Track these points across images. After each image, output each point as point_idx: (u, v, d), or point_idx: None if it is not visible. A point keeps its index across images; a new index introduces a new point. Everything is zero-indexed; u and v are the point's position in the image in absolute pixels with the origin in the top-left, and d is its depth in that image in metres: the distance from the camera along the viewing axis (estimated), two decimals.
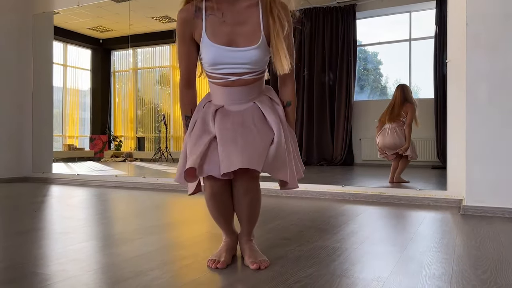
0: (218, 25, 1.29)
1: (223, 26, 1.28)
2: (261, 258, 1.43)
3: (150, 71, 10.15)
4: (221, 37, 1.29)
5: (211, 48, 1.29)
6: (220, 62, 1.30)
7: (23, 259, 1.52)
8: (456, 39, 2.83)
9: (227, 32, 1.29)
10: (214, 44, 1.29)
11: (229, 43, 1.29)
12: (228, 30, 1.29)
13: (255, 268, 1.37)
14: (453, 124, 2.85)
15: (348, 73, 7.15)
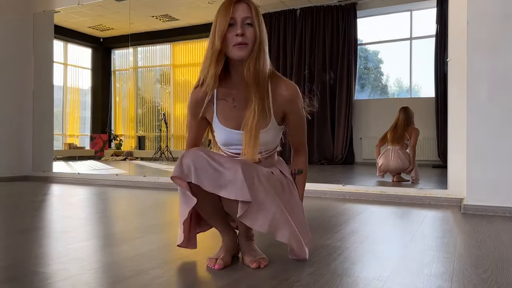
0: (229, 110, 1.37)
1: (233, 111, 1.37)
2: (260, 256, 1.43)
3: (151, 70, 10.15)
4: (231, 121, 1.38)
5: (223, 131, 1.39)
6: (232, 143, 1.40)
7: (23, 258, 1.52)
8: (457, 38, 2.83)
9: (238, 116, 1.36)
10: (225, 128, 1.38)
11: (237, 127, 1.37)
12: (238, 115, 1.36)
13: (254, 267, 1.37)
14: (454, 123, 2.85)
15: (349, 72, 7.15)
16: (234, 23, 1.29)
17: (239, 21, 1.29)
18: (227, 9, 1.29)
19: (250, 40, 1.30)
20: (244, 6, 1.31)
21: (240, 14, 1.29)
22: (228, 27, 1.28)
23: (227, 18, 1.28)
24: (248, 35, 1.29)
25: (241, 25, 1.29)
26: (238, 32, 1.28)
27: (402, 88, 7.71)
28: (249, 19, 1.30)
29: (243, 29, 1.29)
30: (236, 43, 1.28)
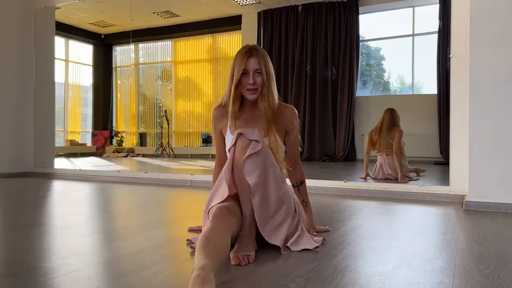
0: (240, 125, 1.76)
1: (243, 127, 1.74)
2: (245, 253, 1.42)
3: (152, 67, 10.14)
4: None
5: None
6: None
7: (26, 252, 1.52)
8: (460, 34, 2.81)
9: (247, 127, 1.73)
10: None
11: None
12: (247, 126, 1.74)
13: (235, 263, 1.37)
14: (456, 119, 2.84)
15: (351, 68, 7.13)
16: (247, 73, 1.71)
17: (251, 72, 1.70)
18: (241, 62, 1.71)
19: (259, 85, 1.72)
20: (255, 60, 1.71)
21: (251, 67, 1.71)
22: (242, 75, 1.71)
23: (241, 69, 1.70)
24: (258, 81, 1.71)
25: (252, 75, 1.70)
26: (250, 82, 1.70)
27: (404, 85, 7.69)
28: (258, 70, 1.71)
29: (254, 78, 1.70)
30: (248, 88, 1.71)
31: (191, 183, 3.83)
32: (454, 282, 1.22)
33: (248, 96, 1.73)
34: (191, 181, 3.85)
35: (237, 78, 1.71)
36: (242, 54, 1.72)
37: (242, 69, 1.70)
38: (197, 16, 8.41)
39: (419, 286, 1.18)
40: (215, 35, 8.99)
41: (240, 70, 1.70)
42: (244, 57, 1.71)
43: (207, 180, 3.77)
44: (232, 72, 1.74)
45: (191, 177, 3.89)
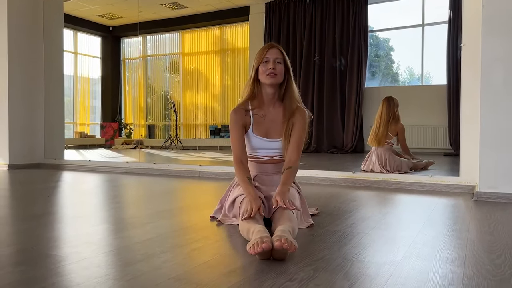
0: (260, 122, 1.87)
1: (263, 123, 1.87)
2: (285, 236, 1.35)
3: (160, 59, 10.14)
4: (260, 131, 1.87)
5: (253, 138, 1.88)
6: (259, 148, 1.88)
7: (37, 241, 1.54)
8: (472, 22, 2.76)
9: (265, 127, 1.87)
10: (255, 135, 1.87)
11: (266, 135, 1.87)
12: (266, 126, 1.87)
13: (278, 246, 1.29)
14: (467, 109, 2.81)
15: (359, 59, 7.06)
16: (268, 61, 1.81)
17: (271, 60, 1.81)
18: (263, 51, 1.83)
19: (279, 72, 1.81)
20: (276, 50, 1.83)
21: (272, 55, 1.81)
22: (263, 63, 1.81)
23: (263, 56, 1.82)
24: (278, 68, 1.81)
25: (273, 62, 1.80)
26: (270, 66, 1.79)
27: (413, 76, 7.61)
28: (279, 59, 1.82)
29: (275, 64, 1.80)
30: (268, 72, 1.79)
31: (200, 174, 3.84)
32: (465, 271, 1.21)
33: (267, 80, 1.80)
34: (199, 172, 3.86)
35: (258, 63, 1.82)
36: (264, 47, 1.85)
37: (263, 57, 1.81)
38: (205, 8, 8.37)
39: (429, 275, 1.17)
40: (222, 27, 8.95)
41: (261, 58, 1.81)
42: (265, 48, 1.84)
43: (215, 171, 3.78)
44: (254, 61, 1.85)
45: (199, 168, 3.90)
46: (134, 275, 1.16)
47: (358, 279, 1.14)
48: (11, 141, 4.63)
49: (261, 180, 1.88)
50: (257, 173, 1.90)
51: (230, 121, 1.86)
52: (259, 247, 1.25)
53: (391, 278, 1.15)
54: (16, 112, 4.68)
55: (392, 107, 4.01)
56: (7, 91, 4.60)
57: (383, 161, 3.85)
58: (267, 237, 1.30)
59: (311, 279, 1.13)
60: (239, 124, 1.84)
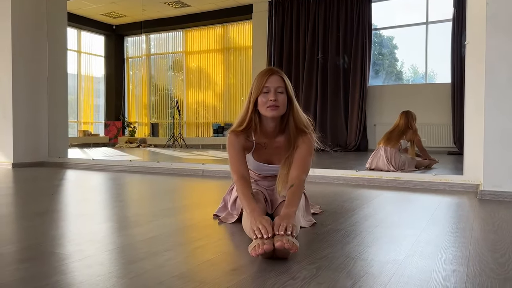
0: (261, 151, 1.76)
1: (264, 152, 1.76)
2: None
3: (163, 57, 10.15)
4: (262, 158, 1.77)
5: (255, 163, 1.78)
6: (260, 170, 1.81)
7: (41, 239, 1.55)
8: (476, 20, 2.75)
9: (267, 155, 1.77)
10: (256, 161, 1.77)
11: (267, 162, 1.78)
12: (267, 154, 1.77)
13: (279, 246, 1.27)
14: (471, 107, 2.79)
15: (363, 57, 7.04)
16: (268, 91, 1.64)
17: (272, 89, 1.64)
18: (262, 78, 1.65)
19: (281, 103, 1.64)
20: (277, 77, 1.65)
21: (273, 84, 1.64)
22: (262, 93, 1.64)
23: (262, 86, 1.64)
24: (279, 100, 1.64)
25: (274, 92, 1.63)
26: (271, 98, 1.62)
27: (417, 74, 7.58)
28: (280, 88, 1.65)
29: (276, 95, 1.63)
30: (269, 105, 1.63)
31: (203, 173, 3.85)
32: (468, 270, 1.20)
33: (268, 113, 1.64)
34: (202, 170, 3.86)
35: (257, 94, 1.64)
36: (263, 73, 1.66)
37: (262, 87, 1.63)
38: (208, 6, 8.37)
39: (433, 274, 1.17)
40: (226, 25, 8.95)
41: (260, 88, 1.63)
42: (265, 75, 1.65)
43: (218, 169, 3.78)
44: (252, 90, 1.67)
45: (202, 166, 3.91)
46: (137, 273, 1.17)
47: (361, 278, 1.14)
48: (15, 139, 4.65)
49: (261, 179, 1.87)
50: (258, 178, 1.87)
51: (229, 142, 1.70)
52: (260, 248, 1.23)
53: (394, 276, 1.15)
54: (20, 111, 4.70)
55: (410, 120, 4.13)
56: (11, 90, 4.62)
57: (389, 157, 3.88)
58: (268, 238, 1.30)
59: (313, 278, 1.13)
60: (240, 144, 1.70)
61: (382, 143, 4.04)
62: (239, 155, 1.69)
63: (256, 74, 1.73)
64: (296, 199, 1.54)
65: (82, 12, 8.75)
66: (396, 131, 4.10)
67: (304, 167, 1.66)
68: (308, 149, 1.68)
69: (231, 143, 1.70)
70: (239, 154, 1.69)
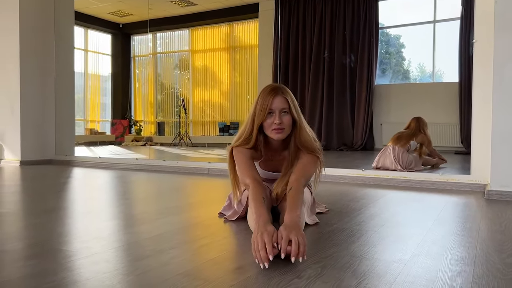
0: (267, 162, 1.78)
1: (270, 163, 1.78)
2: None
3: (170, 56, 10.18)
4: (268, 167, 1.79)
5: (261, 171, 1.79)
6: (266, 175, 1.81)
7: (48, 236, 1.56)
8: (484, 18, 2.72)
9: (273, 166, 1.78)
10: (263, 170, 1.79)
11: (274, 170, 1.79)
12: (274, 164, 1.78)
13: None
14: (479, 106, 2.77)
15: (370, 55, 7.01)
16: (272, 113, 1.61)
17: (277, 112, 1.60)
18: (266, 100, 1.60)
19: (286, 125, 1.62)
20: (281, 99, 1.61)
21: (277, 105, 1.60)
22: (267, 115, 1.61)
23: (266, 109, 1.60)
24: (285, 121, 1.61)
25: (279, 114, 1.60)
26: (276, 121, 1.60)
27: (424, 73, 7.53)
28: (285, 109, 1.62)
29: (281, 117, 1.60)
30: (274, 128, 1.61)
31: (208, 171, 3.85)
32: (475, 270, 1.19)
33: (274, 136, 1.63)
34: (208, 169, 3.87)
35: (260, 120, 1.61)
36: (267, 93, 1.62)
37: (267, 109, 1.59)
38: (214, 5, 8.38)
39: (439, 274, 1.16)
40: (232, 24, 8.95)
41: (265, 109, 1.60)
42: (269, 95, 1.60)
43: (224, 168, 3.77)
44: (254, 111, 1.63)
45: (208, 165, 3.91)
46: (143, 270, 1.17)
47: (366, 277, 1.13)
48: (23, 137, 4.69)
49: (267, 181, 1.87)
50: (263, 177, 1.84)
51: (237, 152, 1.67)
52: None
53: (400, 276, 1.14)
54: (27, 109, 4.73)
55: (421, 126, 4.12)
56: (19, 89, 4.65)
57: (397, 156, 3.86)
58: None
59: (318, 276, 1.13)
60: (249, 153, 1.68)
61: (390, 142, 4.03)
62: (249, 161, 1.67)
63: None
64: (297, 202, 1.49)
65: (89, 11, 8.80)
66: (406, 133, 4.10)
67: (304, 172, 1.62)
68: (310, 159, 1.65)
69: (239, 152, 1.67)
70: (249, 160, 1.67)
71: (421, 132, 4.08)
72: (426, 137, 4.08)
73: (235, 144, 1.69)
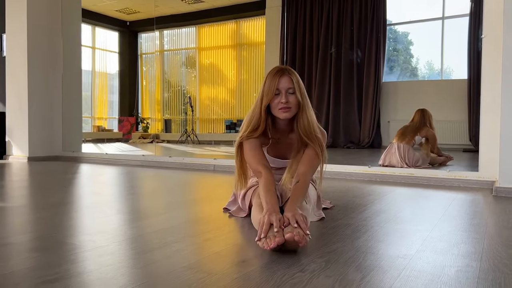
0: (274, 146, 1.79)
1: (276, 147, 1.79)
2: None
3: (177, 53, 10.20)
4: (275, 153, 1.80)
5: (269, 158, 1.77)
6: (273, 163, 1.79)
7: (54, 229, 1.57)
8: (493, 13, 2.69)
9: (280, 150, 1.79)
10: (269, 156, 1.79)
11: (280, 157, 1.80)
12: (281, 149, 1.79)
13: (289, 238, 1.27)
14: (488, 103, 2.73)
15: (377, 52, 6.96)
16: (279, 93, 1.64)
17: (283, 91, 1.64)
18: (273, 81, 1.64)
19: (292, 104, 1.65)
20: (287, 78, 1.65)
21: (284, 85, 1.64)
22: (274, 96, 1.65)
23: (273, 89, 1.64)
24: (291, 101, 1.64)
25: (285, 94, 1.63)
26: (282, 100, 1.63)
27: (433, 70, 7.46)
28: (291, 89, 1.65)
29: (287, 97, 1.64)
30: (281, 107, 1.64)
31: (214, 168, 3.86)
32: (481, 266, 1.18)
33: (280, 115, 1.66)
34: (214, 165, 3.87)
35: (269, 99, 1.64)
36: (273, 74, 1.66)
37: (274, 89, 1.63)
38: (221, 2, 8.37)
39: (444, 269, 1.15)
40: (239, 21, 8.94)
41: (272, 90, 1.64)
42: (276, 76, 1.65)
43: (230, 165, 3.79)
44: (262, 93, 1.68)
45: (214, 161, 3.91)
46: (146, 263, 1.17)
47: (371, 271, 1.12)
48: (31, 134, 4.73)
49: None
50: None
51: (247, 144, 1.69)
52: (273, 242, 1.22)
53: (405, 270, 1.13)
54: (35, 106, 4.77)
55: (426, 117, 4.05)
56: (26, 86, 4.69)
57: (403, 154, 3.83)
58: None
59: (322, 270, 1.12)
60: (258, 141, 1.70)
61: (395, 139, 4.00)
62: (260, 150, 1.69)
63: (269, 70, 1.71)
64: (301, 196, 1.54)
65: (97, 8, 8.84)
66: (411, 127, 4.04)
67: (311, 166, 1.66)
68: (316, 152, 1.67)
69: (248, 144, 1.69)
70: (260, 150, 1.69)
71: (426, 126, 4.01)
72: (431, 130, 4.02)
73: (244, 135, 1.70)
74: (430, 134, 4.01)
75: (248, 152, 1.69)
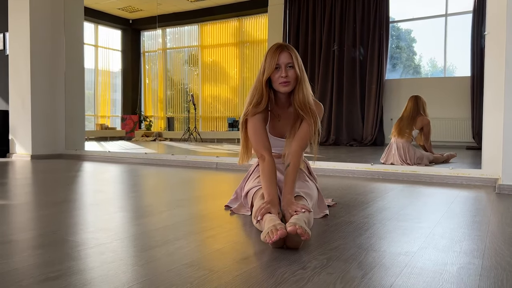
0: (275, 122, 1.85)
1: (278, 123, 1.85)
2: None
3: (179, 51, 10.19)
4: (275, 131, 1.86)
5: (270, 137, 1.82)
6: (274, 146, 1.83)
7: (56, 227, 1.57)
8: (496, 10, 2.67)
9: (280, 127, 1.85)
10: (272, 136, 1.84)
11: (280, 135, 1.85)
12: (280, 126, 1.85)
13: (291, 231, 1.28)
14: (491, 100, 2.72)
15: (380, 49, 6.94)
16: (279, 67, 1.72)
17: (283, 66, 1.71)
18: (273, 56, 1.72)
19: (291, 78, 1.73)
20: (286, 54, 1.72)
21: (283, 60, 1.72)
22: (274, 70, 1.72)
23: (274, 64, 1.71)
24: (290, 75, 1.72)
25: (284, 68, 1.71)
26: (282, 74, 1.71)
27: (436, 67, 7.43)
28: (290, 64, 1.72)
29: (286, 71, 1.71)
30: (281, 81, 1.72)
31: (217, 166, 3.86)
32: (483, 263, 1.18)
33: (281, 88, 1.74)
34: (216, 163, 3.87)
35: (269, 73, 1.72)
36: (273, 50, 1.73)
37: (274, 64, 1.71)
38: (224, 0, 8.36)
39: (446, 266, 1.15)
40: (241, 19, 8.93)
41: (272, 65, 1.71)
42: (276, 52, 1.72)
43: (232, 162, 3.79)
44: (263, 69, 1.75)
45: (216, 159, 3.92)
46: (148, 260, 1.17)
47: (372, 269, 1.12)
48: (34, 132, 4.75)
49: None
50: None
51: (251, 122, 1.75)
52: (275, 235, 1.24)
53: (406, 268, 1.13)
54: (38, 104, 4.78)
55: (419, 105, 4.01)
56: (29, 84, 4.70)
57: (403, 153, 3.81)
58: (281, 224, 1.30)
59: (324, 268, 1.12)
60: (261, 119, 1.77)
61: (393, 136, 3.97)
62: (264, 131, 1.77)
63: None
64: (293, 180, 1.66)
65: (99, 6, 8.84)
66: (406, 118, 3.97)
67: (303, 140, 1.75)
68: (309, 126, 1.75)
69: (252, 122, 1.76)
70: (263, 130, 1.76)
71: (421, 113, 3.94)
72: (426, 118, 3.94)
73: (249, 109, 1.77)
74: (425, 122, 3.95)
75: (252, 133, 1.77)
